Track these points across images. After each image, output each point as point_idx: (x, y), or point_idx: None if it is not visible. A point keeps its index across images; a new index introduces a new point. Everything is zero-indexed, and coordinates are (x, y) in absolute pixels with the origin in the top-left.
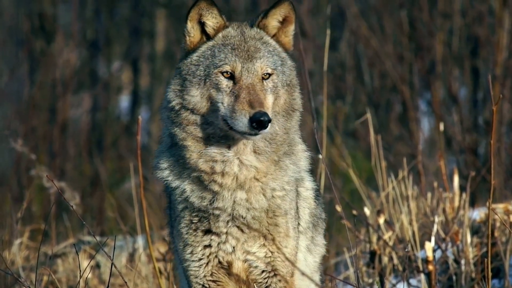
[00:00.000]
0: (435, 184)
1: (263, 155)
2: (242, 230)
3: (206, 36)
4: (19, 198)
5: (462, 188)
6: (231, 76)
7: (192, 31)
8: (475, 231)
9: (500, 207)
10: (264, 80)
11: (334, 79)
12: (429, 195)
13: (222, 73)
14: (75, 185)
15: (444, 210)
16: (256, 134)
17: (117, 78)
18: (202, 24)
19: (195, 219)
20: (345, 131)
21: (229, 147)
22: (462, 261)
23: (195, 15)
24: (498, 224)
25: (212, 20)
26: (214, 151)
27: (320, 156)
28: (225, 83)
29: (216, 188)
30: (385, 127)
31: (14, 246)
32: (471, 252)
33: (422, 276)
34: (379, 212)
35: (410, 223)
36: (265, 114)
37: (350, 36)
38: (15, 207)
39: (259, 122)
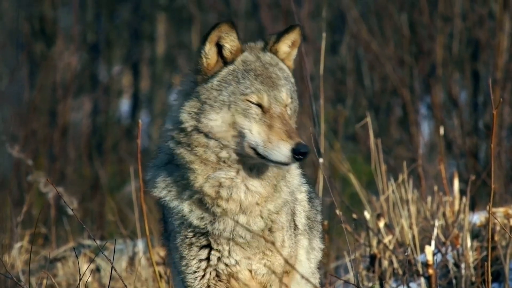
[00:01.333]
0: (435, 188)
1: (265, 180)
2: (243, 247)
3: (222, 59)
4: (19, 202)
5: (462, 192)
6: (259, 104)
7: (210, 53)
8: (475, 235)
9: (500, 211)
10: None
11: (335, 83)
12: (429, 199)
13: (249, 100)
14: (75, 188)
15: (444, 214)
16: (292, 164)
17: (117, 81)
18: (219, 47)
19: (190, 235)
20: (346, 135)
21: (237, 172)
22: (462, 265)
23: (215, 37)
24: (498, 228)
25: (230, 44)
26: (222, 175)
27: (321, 160)
28: (254, 110)
29: (219, 212)
30: (385, 131)
31: (14, 250)
32: (471, 256)
33: (422, 280)
34: (379, 216)
35: (410, 227)
36: (306, 145)
37: (351, 40)
38: (15, 211)
39: (303, 154)
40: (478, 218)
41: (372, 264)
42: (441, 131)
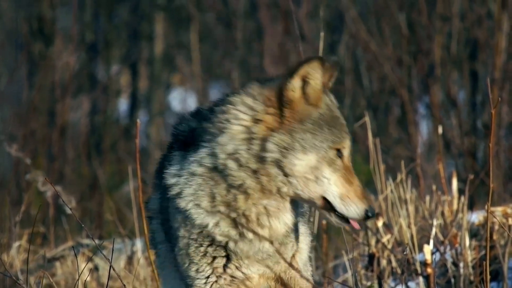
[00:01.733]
0: (434, 187)
1: (294, 213)
2: (259, 263)
3: (303, 95)
4: (18, 201)
5: (460, 191)
6: (340, 154)
7: (297, 87)
8: (473, 234)
9: (498, 210)
10: None
11: (333, 83)
12: (427, 198)
13: (337, 149)
14: (73, 188)
15: (442, 213)
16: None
17: (116, 81)
18: (303, 82)
19: (206, 243)
20: None
21: (284, 205)
22: (461, 264)
23: (304, 72)
24: (496, 227)
25: (315, 81)
26: (273, 205)
27: None
28: (338, 161)
29: (250, 236)
30: (384, 130)
31: (12, 249)
32: (469, 255)
33: (421, 279)
34: (377, 215)
35: (409, 226)
36: (374, 209)
37: (349, 40)
38: (14, 210)
39: (372, 217)
40: (476, 217)
41: (371, 263)
42: (440, 130)
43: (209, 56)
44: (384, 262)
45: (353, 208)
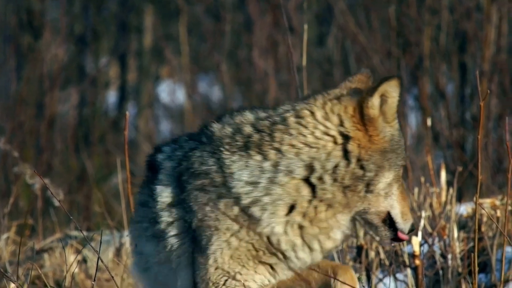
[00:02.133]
0: (422, 179)
1: None
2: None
3: (381, 112)
4: (6, 194)
5: (449, 183)
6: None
7: (376, 105)
8: (462, 226)
9: (487, 202)
10: None
11: (322, 75)
12: (416, 190)
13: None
14: (62, 180)
15: (431, 205)
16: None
17: (104, 73)
18: (381, 100)
19: (262, 248)
20: None
21: (348, 219)
22: (449, 256)
23: (383, 90)
24: (485, 219)
25: (392, 100)
26: (344, 219)
27: None
28: (400, 178)
29: (316, 247)
30: None
31: (1, 241)
32: (458, 247)
33: (409, 271)
34: None
35: None
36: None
37: (338, 32)
38: (2, 202)
39: (413, 230)
40: (465, 209)
41: (359, 255)
42: (428, 122)
43: (197, 49)
44: (372, 254)
45: (406, 223)
